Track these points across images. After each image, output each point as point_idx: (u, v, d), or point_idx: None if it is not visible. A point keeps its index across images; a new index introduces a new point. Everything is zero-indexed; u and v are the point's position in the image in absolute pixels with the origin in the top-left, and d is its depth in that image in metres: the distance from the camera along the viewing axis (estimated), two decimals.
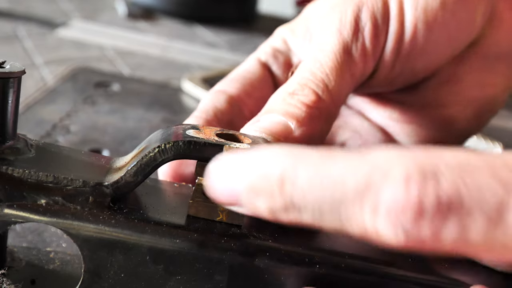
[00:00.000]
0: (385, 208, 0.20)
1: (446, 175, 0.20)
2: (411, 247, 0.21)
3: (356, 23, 0.35)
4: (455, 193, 0.20)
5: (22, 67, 0.28)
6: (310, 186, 0.22)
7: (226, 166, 0.24)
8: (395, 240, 0.21)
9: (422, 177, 0.20)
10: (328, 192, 0.21)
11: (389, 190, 0.20)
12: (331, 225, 0.22)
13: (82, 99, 0.62)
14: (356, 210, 0.21)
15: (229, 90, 0.38)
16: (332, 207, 0.21)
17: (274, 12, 1.17)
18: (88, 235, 0.27)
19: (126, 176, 0.28)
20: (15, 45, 0.76)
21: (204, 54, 0.86)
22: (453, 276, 0.28)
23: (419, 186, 0.20)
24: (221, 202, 0.25)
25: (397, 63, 0.37)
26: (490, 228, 0.20)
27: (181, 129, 0.28)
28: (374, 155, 0.22)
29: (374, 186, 0.21)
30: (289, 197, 0.22)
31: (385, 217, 0.21)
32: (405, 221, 0.20)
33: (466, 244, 0.20)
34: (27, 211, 0.27)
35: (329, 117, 0.34)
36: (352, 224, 0.21)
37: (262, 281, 0.27)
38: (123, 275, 0.27)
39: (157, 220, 0.28)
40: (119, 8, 1.00)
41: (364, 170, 0.21)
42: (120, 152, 0.52)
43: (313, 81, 0.34)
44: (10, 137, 0.28)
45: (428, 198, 0.20)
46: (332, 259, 0.27)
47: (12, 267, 0.31)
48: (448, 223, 0.20)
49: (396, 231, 0.21)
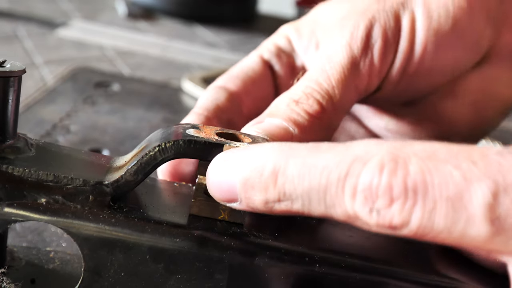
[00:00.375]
0: (361, 191, 0.23)
1: (414, 163, 0.23)
2: (385, 228, 0.24)
3: (367, 39, 0.35)
4: (421, 179, 0.23)
5: (22, 66, 0.28)
6: (300, 176, 0.24)
7: (223, 163, 0.26)
8: (370, 221, 0.24)
9: (394, 164, 0.23)
10: (315, 180, 0.24)
11: (365, 176, 0.23)
12: (318, 211, 0.25)
13: (82, 99, 0.62)
14: (339, 194, 0.24)
15: (229, 87, 0.38)
16: (319, 194, 0.24)
17: (274, 12, 1.17)
18: (88, 234, 0.27)
19: (126, 175, 0.28)
20: (15, 45, 0.76)
21: (204, 54, 0.86)
22: (453, 276, 0.28)
23: (390, 172, 0.23)
24: (221, 199, 0.27)
25: (402, 81, 0.37)
26: (451, 214, 0.23)
27: (181, 128, 0.28)
28: (356, 146, 0.24)
29: (354, 172, 0.23)
30: (281, 188, 0.25)
31: (361, 200, 0.23)
32: (378, 203, 0.23)
33: (432, 229, 0.23)
34: (27, 210, 0.27)
35: (330, 127, 0.35)
36: (336, 208, 0.24)
37: (262, 280, 0.27)
38: (123, 274, 0.27)
39: (157, 219, 0.28)
40: (119, 8, 1.00)
41: (346, 159, 0.24)
42: (120, 152, 0.52)
43: (318, 92, 0.34)
44: (10, 136, 0.28)
45: (397, 182, 0.23)
46: (332, 258, 0.27)
47: (12, 266, 0.31)
48: (415, 206, 0.23)
49: (371, 213, 0.23)
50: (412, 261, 0.29)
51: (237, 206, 0.27)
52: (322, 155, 0.24)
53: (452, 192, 0.22)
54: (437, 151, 0.23)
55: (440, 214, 0.23)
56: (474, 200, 0.22)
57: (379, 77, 0.36)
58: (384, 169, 0.23)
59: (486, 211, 0.22)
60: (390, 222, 0.23)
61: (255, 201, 0.26)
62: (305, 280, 0.27)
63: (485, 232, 0.23)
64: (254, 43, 0.95)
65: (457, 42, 0.37)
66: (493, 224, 0.22)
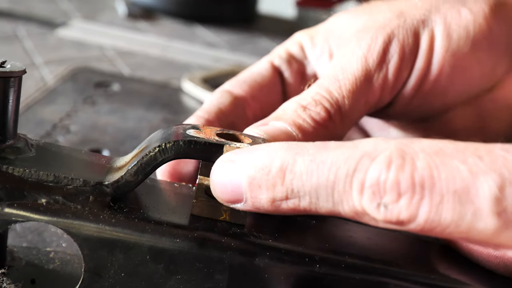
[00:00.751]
0: (369, 187, 0.23)
1: (421, 159, 0.23)
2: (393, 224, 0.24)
3: (384, 53, 0.35)
4: (428, 174, 0.23)
5: (22, 67, 0.28)
6: (308, 172, 0.24)
7: (228, 163, 0.26)
8: (378, 216, 0.24)
9: (401, 160, 0.23)
10: (323, 176, 0.24)
11: (373, 171, 0.23)
12: (325, 208, 0.25)
13: (82, 99, 0.62)
14: (347, 190, 0.24)
15: (236, 91, 0.38)
16: (327, 190, 0.24)
17: (274, 12, 1.17)
18: (88, 234, 0.27)
19: (126, 175, 0.28)
20: (15, 45, 0.76)
21: (204, 54, 0.86)
22: (453, 276, 0.28)
23: (398, 167, 0.23)
24: (225, 200, 0.27)
25: (416, 99, 0.37)
26: (458, 207, 0.23)
27: (181, 128, 0.28)
28: (364, 143, 0.25)
29: (362, 168, 0.24)
30: (289, 185, 0.25)
31: (369, 196, 0.24)
32: (386, 198, 0.23)
33: (439, 223, 0.23)
34: (28, 210, 0.27)
35: (334, 137, 0.34)
36: (344, 204, 0.24)
37: (262, 280, 0.27)
38: (123, 274, 0.27)
39: (158, 219, 0.28)
40: (119, 8, 1.00)
41: (355, 155, 0.24)
42: (120, 152, 0.52)
43: (328, 100, 0.34)
44: (10, 136, 0.28)
45: (405, 177, 0.23)
46: (332, 258, 0.27)
47: (12, 267, 0.31)
48: (422, 201, 0.23)
49: (379, 208, 0.24)
50: (412, 261, 0.29)
51: (241, 207, 0.27)
52: (330, 152, 0.25)
53: (459, 186, 0.23)
54: (444, 147, 0.24)
55: (447, 208, 0.23)
56: (480, 194, 0.23)
57: (391, 93, 0.36)
58: (391, 165, 0.23)
59: (493, 204, 0.23)
60: (397, 217, 0.23)
61: (262, 199, 0.26)
62: (305, 281, 0.27)
63: (492, 225, 0.23)
64: (254, 43, 0.95)
65: (475, 65, 0.36)
66: (500, 217, 0.23)
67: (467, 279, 0.28)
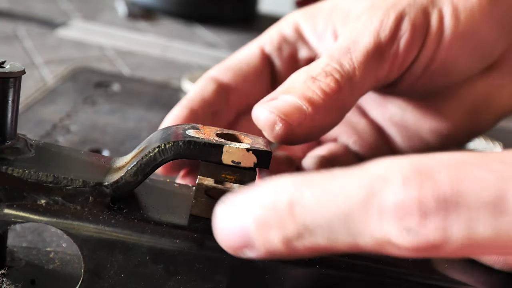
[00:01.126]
0: (389, 211, 0.20)
1: (442, 173, 0.20)
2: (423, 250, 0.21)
3: (396, 29, 0.35)
4: (453, 188, 0.20)
5: (22, 67, 0.28)
6: (318, 204, 0.21)
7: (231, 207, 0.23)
8: (405, 243, 0.21)
9: (419, 177, 0.20)
10: (335, 207, 0.21)
11: (390, 193, 0.20)
12: (345, 242, 0.22)
13: (82, 99, 0.62)
14: (364, 219, 0.21)
15: (220, 78, 0.38)
16: (342, 222, 0.21)
17: (274, 12, 1.17)
18: (88, 235, 0.27)
19: (126, 176, 0.28)
20: (15, 45, 0.76)
21: (204, 54, 0.86)
22: (453, 276, 0.28)
23: (417, 185, 0.20)
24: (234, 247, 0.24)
25: (422, 78, 0.37)
26: (495, 218, 0.20)
27: (181, 129, 0.28)
28: (373, 166, 0.22)
29: (376, 192, 0.21)
30: (300, 220, 0.22)
31: (390, 221, 0.20)
32: (410, 221, 0.20)
33: (477, 240, 0.20)
34: (27, 211, 0.27)
35: (343, 109, 0.34)
36: (364, 236, 0.21)
37: (262, 281, 0.27)
38: (123, 275, 0.27)
39: (157, 220, 0.28)
40: (119, 8, 1.00)
41: (365, 180, 0.21)
42: (120, 152, 0.52)
43: (338, 71, 0.33)
44: (10, 137, 0.28)
45: (427, 195, 0.20)
46: (332, 258, 0.27)
47: (12, 267, 0.31)
48: (452, 219, 0.20)
49: (404, 233, 0.20)
50: (412, 261, 0.29)
51: (253, 254, 0.23)
52: (338, 179, 0.22)
53: (490, 196, 0.20)
54: (462, 158, 0.21)
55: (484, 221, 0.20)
56: None
57: (399, 70, 0.36)
58: (409, 183, 0.21)
59: None
60: (427, 240, 0.20)
61: (273, 240, 0.22)
62: (305, 281, 0.27)
63: None
64: None
65: (477, 46, 0.37)
66: None
67: (467, 279, 0.28)
